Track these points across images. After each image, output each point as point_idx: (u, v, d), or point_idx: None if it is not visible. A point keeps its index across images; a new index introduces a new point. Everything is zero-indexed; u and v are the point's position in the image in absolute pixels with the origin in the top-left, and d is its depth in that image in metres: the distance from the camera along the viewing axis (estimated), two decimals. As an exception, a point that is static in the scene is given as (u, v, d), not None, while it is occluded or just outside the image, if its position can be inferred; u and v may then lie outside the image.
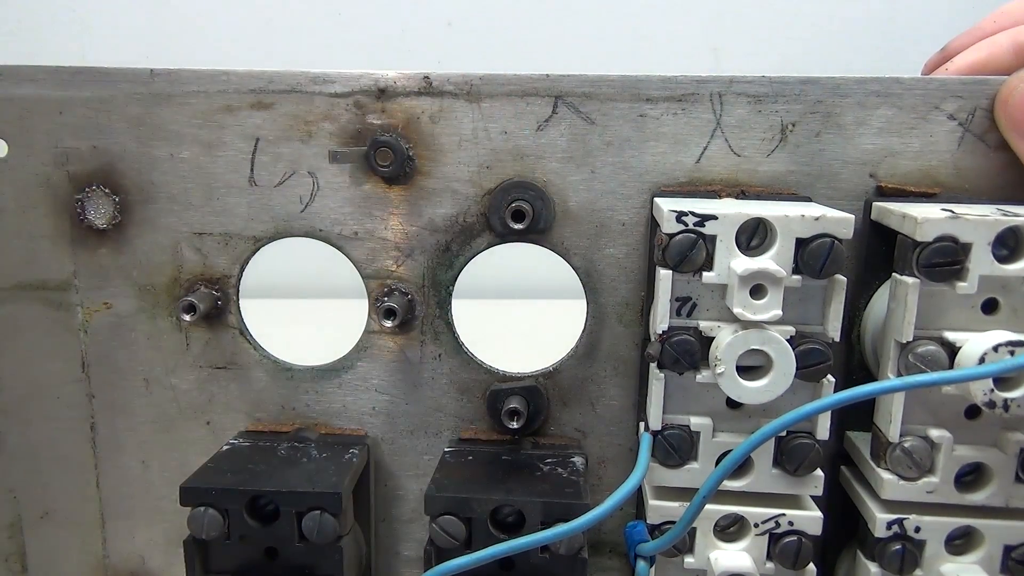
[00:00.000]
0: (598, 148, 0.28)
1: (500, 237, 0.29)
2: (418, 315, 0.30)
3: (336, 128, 0.29)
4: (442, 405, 0.31)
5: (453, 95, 0.28)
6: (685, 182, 0.28)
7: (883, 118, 0.27)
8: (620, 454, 0.31)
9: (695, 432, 0.26)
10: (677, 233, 0.24)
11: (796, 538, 0.26)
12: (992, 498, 0.25)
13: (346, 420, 0.32)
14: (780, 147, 0.28)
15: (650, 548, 0.25)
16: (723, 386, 0.24)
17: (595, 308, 0.30)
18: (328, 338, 0.37)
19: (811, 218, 0.23)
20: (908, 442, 0.25)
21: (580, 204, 0.29)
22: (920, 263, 0.23)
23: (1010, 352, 0.22)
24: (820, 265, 0.23)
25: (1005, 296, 0.24)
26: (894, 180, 0.28)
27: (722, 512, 0.26)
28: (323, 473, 0.28)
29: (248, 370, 0.31)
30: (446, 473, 0.28)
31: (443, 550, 0.26)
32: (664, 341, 0.25)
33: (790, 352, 0.24)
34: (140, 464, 0.33)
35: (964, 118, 0.27)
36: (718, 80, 0.27)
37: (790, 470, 0.25)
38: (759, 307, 0.23)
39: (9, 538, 0.34)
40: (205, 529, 0.27)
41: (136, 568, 0.34)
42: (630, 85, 0.28)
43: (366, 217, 0.30)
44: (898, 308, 0.24)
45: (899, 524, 0.26)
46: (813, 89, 0.27)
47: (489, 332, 0.37)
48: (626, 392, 0.30)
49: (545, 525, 0.25)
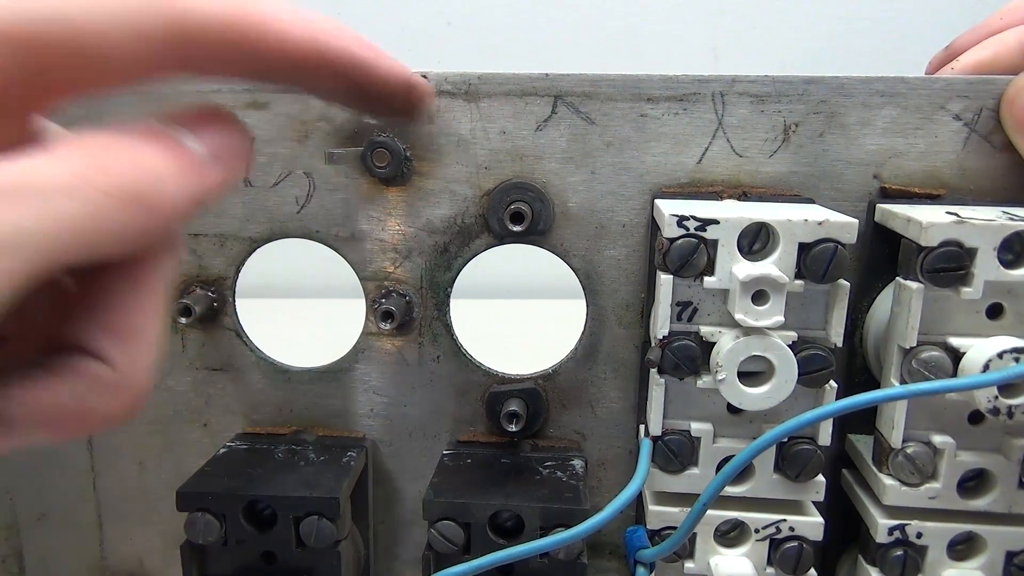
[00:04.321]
0: (598, 148, 0.28)
1: (499, 239, 0.29)
2: (416, 317, 0.30)
3: (332, 128, 0.28)
4: (440, 407, 0.31)
5: (451, 94, 0.28)
6: (686, 183, 0.28)
7: (887, 118, 0.27)
8: (620, 456, 0.31)
9: (696, 437, 0.26)
10: (678, 238, 0.23)
11: (797, 544, 0.26)
12: (995, 504, 0.25)
13: (344, 422, 0.31)
14: (783, 148, 0.27)
15: (650, 554, 0.25)
16: (724, 393, 0.24)
17: (595, 310, 0.29)
18: (326, 339, 0.37)
19: (814, 223, 0.23)
20: (911, 448, 0.25)
21: (580, 205, 0.28)
22: (925, 268, 0.23)
23: (1015, 359, 0.22)
24: (823, 270, 0.23)
25: (1010, 301, 0.24)
26: (898, 181, 0.27)
27: (723, 518, 0.26)
28: (321, 477, 0.28)
29: (245, 372, 0.31)
30: (445, 477, 0.28)
31: (442, 555, 0.26)
32: (665, 346, 0.24)
33: (792, 358, 0.23)
34: (137, 466, 0.32)
35: (970, 118, 0.27)
36: (720, 79, 0.27)
37: (791, 476, 0.25)
38: (761, 313, 0.23)
39: (6, 540, 0.34)
40: (202, 534, 0.27)
41: (134, 570, 0.34)
42: (631, 85, 0.27)
43: (363, 218, 0.29)
44: (902, 313, 0.24)
45: (901, 530, 0.25)
46: (817, 89, 0.27)
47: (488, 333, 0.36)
48: (626, 394, 0.30)
49: (544, 530, 0.25)
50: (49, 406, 0.16)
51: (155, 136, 0.17)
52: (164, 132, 0.17)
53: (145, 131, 0.17)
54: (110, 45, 0.16)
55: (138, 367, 0.17)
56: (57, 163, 0.15)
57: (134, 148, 0.16)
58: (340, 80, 0.20)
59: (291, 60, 0.18)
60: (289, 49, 0.18)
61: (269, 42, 0.18)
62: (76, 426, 0.17)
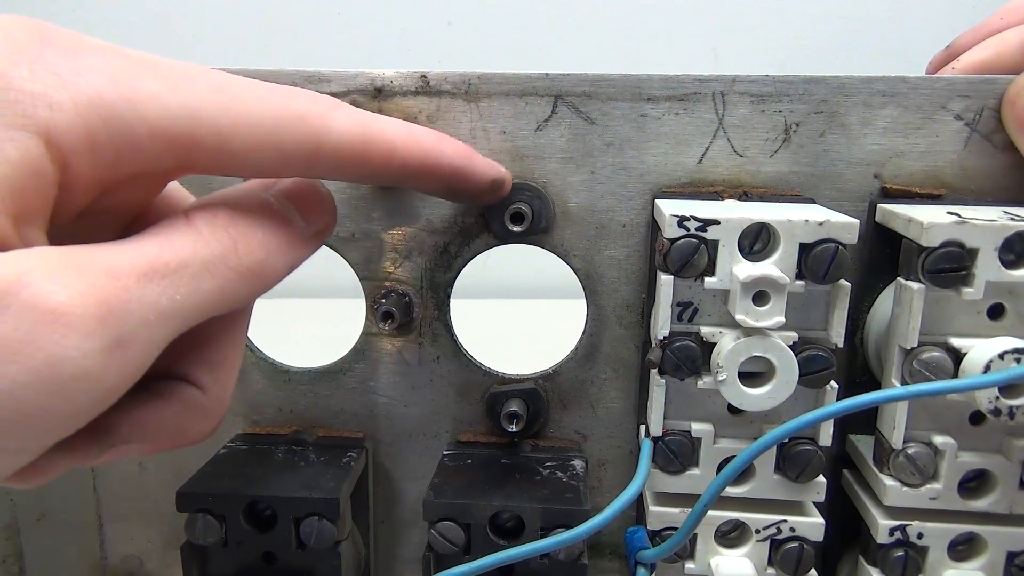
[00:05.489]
0: (598, 148, 0.28)
1: (499, 239, 0.29)
2: (416, 317, 0.30)
3: (332, 128, 0.28)
4: (441, 407, 0.31)
5: (451, 94, 0.28)
6: (687, 183, 0.28)
7: (888, 118, 0.27)
8: (620, 456, 0.31)
9: (696, 438, 0.26)
10: (679, 238, 0.23)
11: (798, 544, 0.25)
12: (995, 505, 0.25)
13: (344, 423, 0.31)
14: (783, 147, 0.27)
15: (651, 555, 0.25)
16: (725, 393, 0.24)
17: (595, 310, 0.29)
18: (326, 339, 0.37)
19: (815, 223, 0.23)
20: (912, 448, 0.25)
21: (580, 205, 0.28)
22: (926, 268, 0.23)
23: (1016, 359, 0.22)
24: (824, 271, 0.23)
25: (1011, 302, 0.24)
26: (899, 181, 0.27)
27: (723, 518, 0.26)
28: (321, 478, 0.28)
29: (245, 372, 0.31)
30: (445, 478, 0.28)
31: (442, 556, 0.26)
32: (665, 347, 0.24)
33: (793, 359, 0.23)
34: (137, 466, 0.32)
35: (971, 118, 0.27)
36: (721, 79, 0.27)
37: (792, 476, 0.25)
38: (762, 314, 0.23)
39: (6, 540, 0.34)
40: (202, 535, 0.27)
41: (134, 570, 0.34)
42: (631, 84, 0.27)
43: (363, 218, 0.29)
44: (903, 314, 0.24)
45: (902, 530, 0.25)
46: (817, 88, 0.27)
47: (488, 333, 0.36)
48: (626, 394, 0.30)
49: (545, 531, 0.25)
50: (155, 424, 0.19)
51: (272, 215, 0.20)
52: (279, 211, 0.20)
53: (264, 208, 0.20)
54: (253, 159, 0.19)
55: (225, 391, 0.20)
56: (202, 245, 0.18)
57: (257, 228, 0.19)
58: (442, 183, 0.23)
59: (403, 173, 0.22)
60: (402, 164, 0.21)
61: (389, 161, 0.21)
62: (171, 443, 0.20)
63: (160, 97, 0.17)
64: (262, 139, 0.18)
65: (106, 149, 0.17)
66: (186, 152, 0.18)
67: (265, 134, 0.18)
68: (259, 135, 0.18)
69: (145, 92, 0.17)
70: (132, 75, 0.17)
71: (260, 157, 0.19)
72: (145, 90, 0.17)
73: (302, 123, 0.19)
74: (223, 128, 0.18)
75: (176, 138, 0.17)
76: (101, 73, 0.17)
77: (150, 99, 0.17)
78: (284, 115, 0.19)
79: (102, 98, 0.16)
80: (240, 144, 0.18)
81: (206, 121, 0.17)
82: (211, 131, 0.18)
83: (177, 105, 0.17)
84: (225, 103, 0.18)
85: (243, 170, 0.19)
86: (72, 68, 0.16)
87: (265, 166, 0.19)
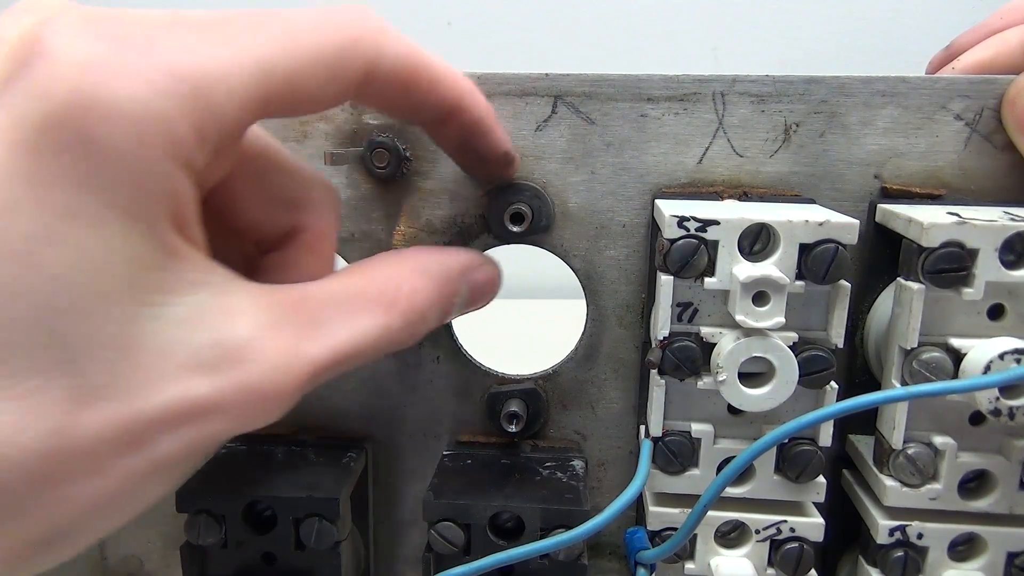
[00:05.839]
0: (598, 148, 0.28)
1: (499, 239, 0.29)
2: (416, 317, 0.30)
3: (332, 128, 0.28)
4: (440, 408, 0.31)
5: (451, 95, 0.28)
6: (687, 183, 0.28)
7: (888, 118, 0.27)
8: (620, 457, 0.31)
9: (696, 438, 0.26)
10: (679, 238, 0.23)
11: (797, 545, 0.25)
12: (996, 505, 0.25)
13: (344, 423, 0.31)
14: (783, 147, 0.27)
15: (651, 556, 0.25)
16: (725, 394, 0.24)
17: (595, 310, 0.29)
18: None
19: (815, 223, 0.23)
20: (911, 449, 0.25)
21: (580, 205, 0.28)
22: (926, 269, 0.23)
23: (1016, 360, 0.22)
24: (824, 271, 0.23)
25: (1012, 302, 0.24)
26: (899, 181, 0.27)
27: (723, 519, 0.26)
28: (320, 478, 0.28)
29: (245, 372, 0.31)
30: (444, 478, 0.28)
31: (442, 556, 0.26)
32: (665, 347, 0.24)
33: (793, 360, 0.23)
34: (137, 466, 0.32)
35: (971, 118, 0.27)
36: (721, 79, 0.27)
37: (792, 477, 0.25)
38: (762, 314, 0.23)
39: (6, 540, 0.34)
40: (202, 535, 0.27)
41: (134, 570, 0.34)
42: (631, 85, 0.27)
43: (363, 219, 0.29)
44: (903, 314, 0.24)
45: (901, 531, 0.25)
46: (817, 89, 0.27)
47: (488, 333, 0.36)
48: (626, 395, 0.30)
49: (545, 532, 0.25)
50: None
51: (452, 297, 0.22)
52: (455, 295, 0.22)
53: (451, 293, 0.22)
54: (320, 96, 0.19)
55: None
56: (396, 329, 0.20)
57: (424, 284, 0.21)
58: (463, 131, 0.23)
59: (439, 105, 0.22)
60: (442, 97, 0.21)
61: (431, 90, 0.21)
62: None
63: (239, 63, 0.17)
64: (329, 75, 0.18)
65: (212, 136, 0.16)
66: (262, 107, 0.17)
67: (329, 70, 0.18)
68: (325, 72, 0.18)
69: (227, 64, 0.16)
70: (208, 47, 0.16)
71: (326, 92, 0.18)
72: (226, 62, 0.16)
73: (357, 48, 0.19)
74: (294, 74, 0.17)
75: (256, 98, 0.17)
76: (181, 53, 0.16)
77: (232, 70, 0.16)
78: (343, 42, 0.18)
79: (196, 89, 0.16)
80: (312, 85, 0.18)
81: (280, 73, 0.17)
82: (284, 80, 0.17)
83: (252, 64, 0.17)
84: (291, 48, 0.17)
85: (310, 109, 0.19)
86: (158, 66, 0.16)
87: (329, 100, 0.19)
